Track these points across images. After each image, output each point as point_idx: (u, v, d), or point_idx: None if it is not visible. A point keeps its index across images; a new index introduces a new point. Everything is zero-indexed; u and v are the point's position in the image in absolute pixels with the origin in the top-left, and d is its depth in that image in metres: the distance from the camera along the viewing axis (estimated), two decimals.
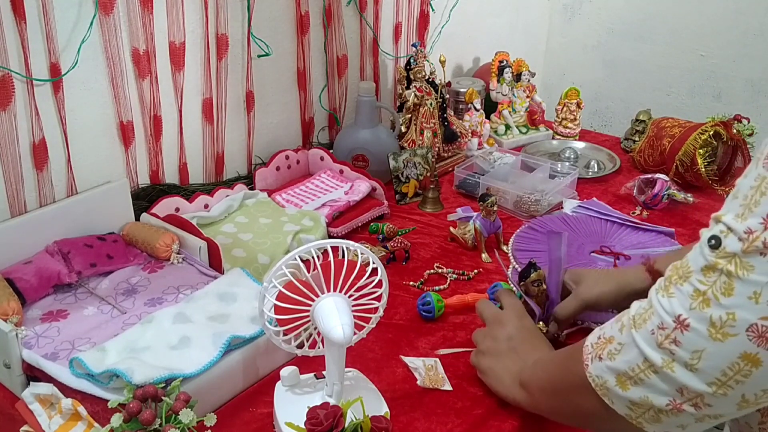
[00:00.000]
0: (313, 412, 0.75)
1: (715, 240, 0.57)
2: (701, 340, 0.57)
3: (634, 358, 0.62)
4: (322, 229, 1.25)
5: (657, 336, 0.60)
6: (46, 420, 0.82)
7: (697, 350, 0.57)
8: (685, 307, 0.58)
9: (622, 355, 0.63)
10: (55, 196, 1.15)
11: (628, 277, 0.96)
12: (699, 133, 1.43)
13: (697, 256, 0.58)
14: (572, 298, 0.97)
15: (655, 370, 0.60)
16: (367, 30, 1.64)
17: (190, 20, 1.26)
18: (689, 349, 0.57)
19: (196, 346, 0.88)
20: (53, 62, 1.08)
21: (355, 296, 0.80)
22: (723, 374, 0.56)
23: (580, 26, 2.34)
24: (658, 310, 0.60)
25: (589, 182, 1.54)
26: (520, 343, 0.88)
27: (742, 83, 2.05)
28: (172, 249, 1.12)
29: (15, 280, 1.00)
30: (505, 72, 1.71)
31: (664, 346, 0.59)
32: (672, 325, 0.58)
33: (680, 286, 0.59)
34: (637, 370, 0.62)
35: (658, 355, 0.60)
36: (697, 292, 0.57)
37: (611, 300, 0.96)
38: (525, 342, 0.88)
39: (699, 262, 0.58)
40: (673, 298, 0.59)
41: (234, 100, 1.39)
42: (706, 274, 0.57)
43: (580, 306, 0.97)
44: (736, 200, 0.57)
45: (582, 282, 0.98)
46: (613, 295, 0.96)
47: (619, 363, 0.63)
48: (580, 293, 0.97)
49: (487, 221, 1.23)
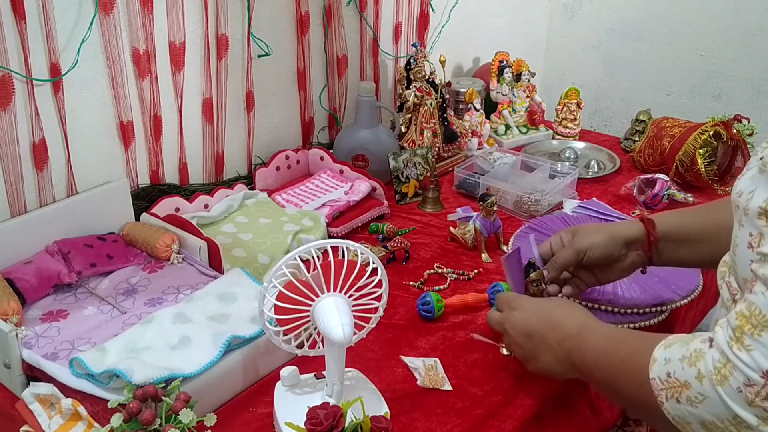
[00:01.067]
0: (313, 412, 0.75)
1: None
2: None
3: (721, 413, 0.59)
4: (322, 229, 1.25)
5: (746, 394, 0.56)
6: (46, 420, 0.82)
7: None
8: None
9: (706, 407, 0.60)
10: (55, 196, 1.15)
11: (621, 226, 0.96)
12: (699, 133, 1.43)
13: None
14: (567, 248, 0.96)
15: (748, 427, 0.57)
16: (367, 30, 1.64)
17: (190, 20, 1.26)
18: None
19: (196, 346, 0.88)
20: (53, 62, 1.08)
21: (355, 296, 0.80)
22: None
23: (580, 26, 2.34)
24: (738, 366, 0.57)
25: (589, 182, 1.54)
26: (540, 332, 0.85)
27: (742, 83, 2.05)
28: (172, 249, 1.12)
29: (15, 280, 1.00)
30: (505, 72, 1.71)
31: (756, 404, 0.56)
32: (761, 382, 0.55)
33: (758, 337, 0.56)
34: (728, 423, 0.59)
35: (750, 414, 0.56)
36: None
37: (602, 248, 0.94)
38: (542, 327, 0.85)
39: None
40: (752, 351, 0.56)
41: (234, 100, 1.39)
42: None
43: (572, 254, 0.95)
44: None
45: (577, 233, 0.97)
46: (603, 243, 0.94)
47: (703, 413, 0.60)
48: (574, 243, 0.96)
49: (487, 221, 1.23)
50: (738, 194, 0.64)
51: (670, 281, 1.09)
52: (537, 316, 0.86)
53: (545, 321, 0.85)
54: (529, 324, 0.86)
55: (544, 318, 0.86)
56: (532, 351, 0.86)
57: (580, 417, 0.95)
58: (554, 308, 0.87)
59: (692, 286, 1.10)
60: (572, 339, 0.81)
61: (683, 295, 1.08)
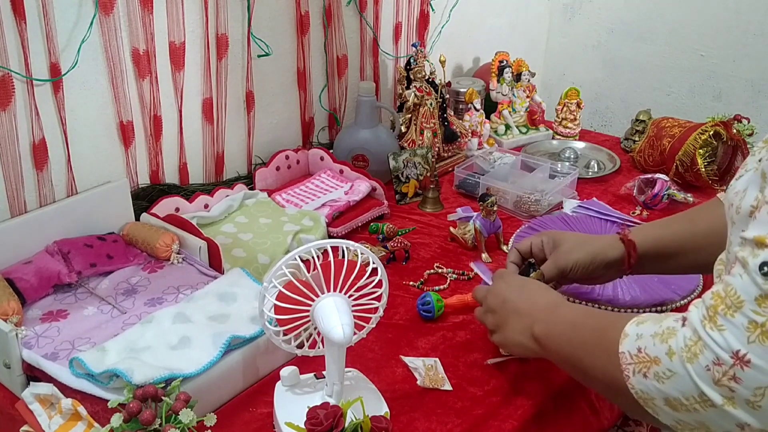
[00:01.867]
0: (313, 412, 0.75)
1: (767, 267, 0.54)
2: (764, 376, 0.54)
3: (688, 390, 0.59)
4: (322, 229, 1.25)
5: (713, 372, 0.56)
6: (46, 420, 0.82)
7: (761, 387, 0.54)
8: (742, 342, 0.54)
9: (673, 383, 0.60)
10: (55, 196, 1.15)
11: (602, 246, 0.96)
12: (699, 133, 1.43)
13: (747, 285, 0.55)
14: (550, 263, 0.97)
15: (713, 405, 0.57)
16: (367, 30, 1.64)
17: (190, 20, 1.26)
18: (751, 386, 0.54)
19: (196, 346, 0.88)
20: (53, 62, 1.08)
21: (355, 296, 0.80)
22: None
23: (580, 26, 2.34)
24: (709, 344, 0.57)
25: (589, 182, 1.54)
26: (516, 300, 0.88)
27: (742, 83, 2.05)
28: (172, 249, 1.12)
29: (15, 280, 1.00)
30: (505, 72, 1.71)
31: (723, 383, 0.56)
32: (730, 362, 0.55)
33: (730, 318, 0.56)
34: (692, 401, 0.59)
35: (716, 393, 0.57)
36: (754, 325, 0.54)
37: (584, 268, 0.95)
38: (520, 296, 0.88)
39: (751, 291, 0.55)
40: (724, 331, 0.56)
41: (234, 100, 1.39)
42: (761, 304, 0.54)
43: (555, 273, 0.96)
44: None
45: (559, 247, 0.98)
46: (586, 264, 0.95)
47: (669, 389, 0.60)
48: (557, 260, 0.96)
49: (487, 221, 1.23)
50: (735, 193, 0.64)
51: (670, 281, 1.09)
52: (518, 288, 0.90)
53: (522, 292, 0.89)
54: (507, 293, 0.90)
55: (522, 290, 0.89)
56: (503, 318, 0.89)
57: (580, 417, 0.95)
58: (535, 286, 0.91)
59: (692, 286, 1.10)
60: (542, 311, 0.84)
61: (683, 294, 1.08)
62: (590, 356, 0.73)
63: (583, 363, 0.75)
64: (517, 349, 0.89)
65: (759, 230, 0.56)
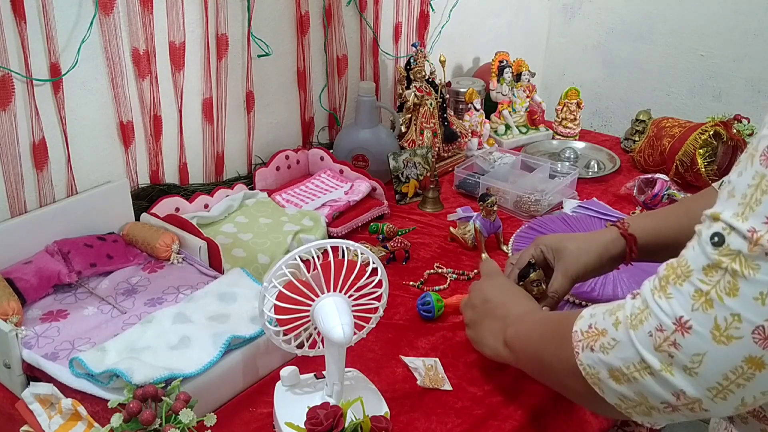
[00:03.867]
0: (313, 412, 0.75)
1: (718, 237, 0.54)
2: (703, 343, 0.55)
3: (629, 357, 0.60)
4: (322, 229, 1.25)
5: (655, 338, 0.57)
6: (46, 420, 0.82)
7: (698, 354, 0.55)
8: (686, 309, 0.56)
9: (616, 352, 0.61)
10: (55, 196, 1.15)
11: (605, 244, 0.96)
12: (699, 133, 1.43)
13: (697, 255, 0.56)
14: (561, 277, 0.95)
15: (652, 372, 0.58)
16: (367, 30, 1.64)
17: (190, 20, 1.26)
18: (689, 352, 0.55)
19: (196, 346, 0.88)
20: (53, 62, 1.08)
21: (355, 296, 0.80)
22: (724, 378, 0.55)
23: (580, 26, 2.34)
24: (655, 311, 0.58)
25: (589, 182, 1.54)
26: (496, 302, 0.89)
27: (742, 83, 2.05)
28: (172, 249, 1.12)
29: (15, 280, 1.00)
30: (505, 72, 1.71)
31: (663, 348, 0.57)
32: (672, 328, 0.56)
33: (679, 287, 0.57)
34: (633, 368, 0.60)
35: (655, 358, 0.58)
36: (699, 293, 0.55)
37: (595, 270, 0.96)
38: (501, 299, 0.89)
39: (700, 260, 0.56)
40: (672, 299, 0.57)
41: (234, 100, 1.39)
42: (708, 274, 0.55)
43: (571, 283, 0.96)
44: (733, 199, 0.55)
45: (564, 256, 0.96)
46: (596, 266, 0.95)
47: (612, 359, 0.62)
48: (568, 271, 0.95)
49: (487, 221, 1.23)
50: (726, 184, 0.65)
51: None
52: (501, 289, 0.91)
53: (503, 296, 0.90)
54: (489, 292, 0.91)
55: (503, 294, 0.90)
56: (480, 316, 0.90)
57: (580, 417, 0.95)
58: (518, 292, 0.91)
59: None
60: (516, 317, 0.85)
61: None
62: (549, 345, 0.74)
63: (543, 356, 0.76)
64: (487, 351, 0.89)
65: (716, 207, 0.57)
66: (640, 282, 1.06)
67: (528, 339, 0.81)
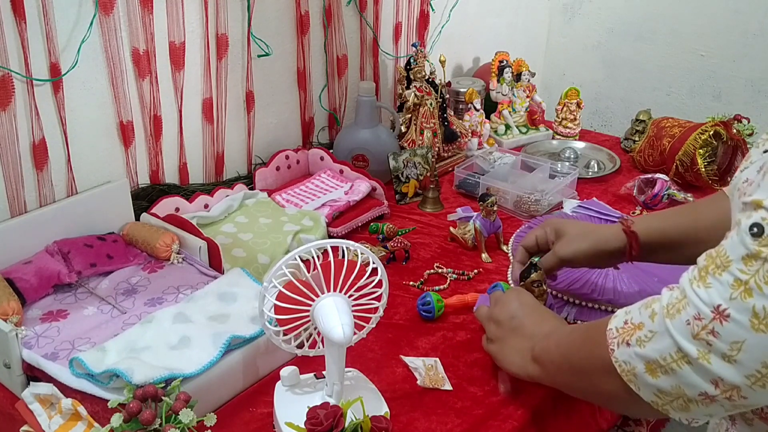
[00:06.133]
0: (313, 412, 0.75)
1: (758, 228, 0.54)
2: (742, 331, 0.55)
3: (666, 347, 0.60)
4: (322, 229, 1.25)
5: (693, 327, 0.58)
6: (46, 420, 0.82)
7: (737, 341, 0.55)
8: (725, 298, 0.56)
9: (653, 343, 0.61)
10: (55, 196, 1.15)
11: (605, 235, 0.97)
12: (699, 133, 1.43)
13: (736, 245, 0.56)
14: (551, 255, 0.98)
15: (689, 361, 0.58)
16: (367, 30, 1.64)
17: (190, 20, 1.26)
18: (728, 340, 0.56)
19: (196, 346, 0.88)
20: (53, 62, 1.08)
21: (355, 296, 0.80)
22: (764, 365, 0.55)
23: (580, 26, 2.34)
24: (693, 301, 0.58)
25: (589, 182, 1.54)
26: (524, 319, 0.88)
27: (742, 83, 2.05)
28: (172, 249, 1.12)
29: (15, 280, 1.00)
30: (505, 72, 1.71)
31: (701, 337, 0.57)
32: (710, 316, 0.56)
33: (718, 276, 0.57)
34: (669, 359, 0.60)
35: (693, 346, 0.58)
36: (738, 282, 0.55)
37: (587, 258, 0.96)
38: (529, 317, 0.88)
39: (739, 250, 0.56)
40: (710, 288, 0.57)
41: (234, 100, 1.39)
42: (747, 263, 0.55)
43: (557, 263, 0.98)
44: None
45: (562, 237, 0.98)
46: (589, 253, 0.96)
47: (649, 351, 0.62)
48: (557, 250, 0.97)
49: (487, 221, 1.23)
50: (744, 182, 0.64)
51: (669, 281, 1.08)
52: (529, 309, 0.90)
53: (532, 314, 0.89)
54: (516, 309, 0.89)
55: (532, 312, 0.89)
56: (505, 333, 0.88)
57: (580, 417, 0.95)
58: (545, 311, 0.90)
59: None
60: (544, 335, 0.84)
61: None
62: (580, 349, 0.74)
63: (573, 361, 0.75)
64: (513, 368, 0.87)
65: (759, 194, 0.57)
66: (640, 282, 1.08)
67: (557, 350, 0.80)
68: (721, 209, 0.87)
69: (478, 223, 1.23)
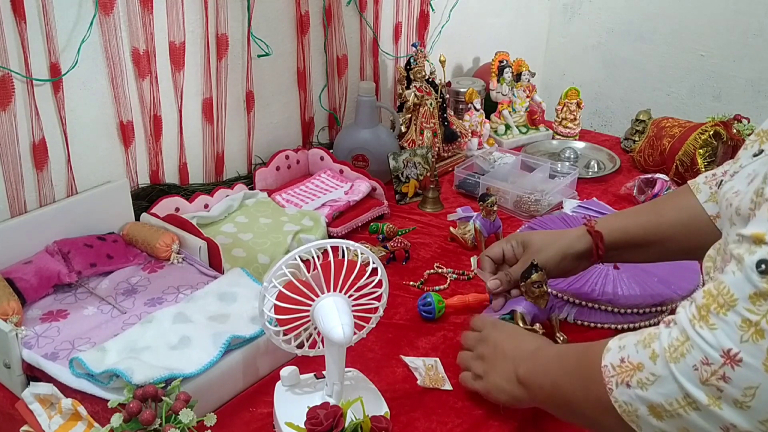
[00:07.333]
0: (313, 412, 0.75)
1: (765, 264, 0.52)
2: (755, 375, 0.52)
3: (672, 392, 0.57)
4: (322, 229, 1.25)
5: (701, 372, 0.55)
6: (46, 420, 0.82)
7: (751, 387, 0.52)
8: (734, 340, 0.53)
9: (657, 387, 0.58)
10: (55, 196, 1.15)
11: (570, 241, 0.96)
12: (699, 133, 1.43)
13: (742, 282, 0.53)
14: (519, 265, 0.98)
15: (698, 407, 0.55)
16: (367, 30, 1.64)
17: (190, 20, 1.26)
18: (741, 386, 0.53)
19: (196, 346, 0.88)
20: (53, 62, 1.08)
21: (355, 296, 0.80)
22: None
23: (580, 26, 2.34)
24: (698, 344, 0.55)
25: (589, 182, 1.54)
26: (504, 344, 0.86)
27: (742, 83, 2.05)
28: (172, 249, 1.12)
29: (15, 280, 1.00)
30: (505, 72, 1.71)
31: (711, 382, 0.54)
32: (720, 361, 0.53)
33: (723, 316, 0.54)
34: (676, 405, 0.57)
35: (702, 392, 0.55)
36: (747, 322, 0.52)
37: (556, 264, 0.96)
38: (508, 341, 0.86)
39: (745, 288, 0.53)
40: (716, 329, 0.54)
41: (234, 100, 1.39)
42: (755, 302, 0.52)
43: None
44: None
45: (528, 249, 0.98)
46: (557, 259, 0.96)
47: (652, 395, 0.59)
48: (526, 261, 0.97)
49: (487, 221, 1.23)
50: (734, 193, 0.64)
51: (670, 281, 1.09)
52: (507, 334, 0.88)
53: (510, 338, 0.87)
54: (497, 339, 0.87)
55: (510, 336, 0.88)
56: (491, 364, 0.86)
57: None
58: (524, 333, 0.89)
59: (692, 286, 1.10)
60: (527, 354, 0.82)
61: (683, 294, 1.08)
62: (572, 380, 0.71)
63: (567, 393, 0.72)
64: (501, 396, 0.84)
65: (757, 227, 0.55)
66: (640, 282, 1.08)
67: (546, 375, 0.77)
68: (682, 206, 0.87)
69: (478, 223, 1.23)
